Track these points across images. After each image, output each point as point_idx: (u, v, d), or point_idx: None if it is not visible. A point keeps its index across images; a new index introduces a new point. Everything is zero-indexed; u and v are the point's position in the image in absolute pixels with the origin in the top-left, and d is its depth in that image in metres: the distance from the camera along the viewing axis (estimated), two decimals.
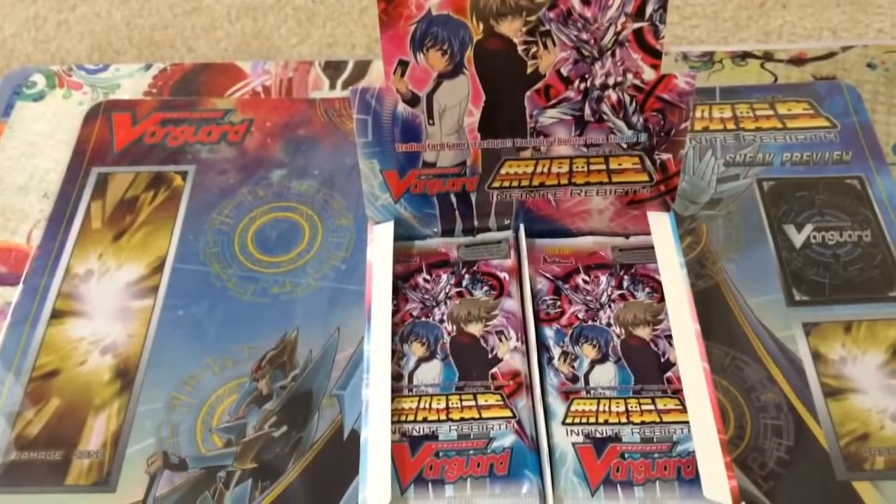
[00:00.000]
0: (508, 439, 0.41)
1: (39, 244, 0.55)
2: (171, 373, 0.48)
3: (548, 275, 0.48)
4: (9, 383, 0.48)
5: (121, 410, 0.47)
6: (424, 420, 0.42)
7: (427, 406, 0.42)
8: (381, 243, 0.48)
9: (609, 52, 0.42)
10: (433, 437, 0.41)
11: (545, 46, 0.42)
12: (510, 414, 0.42)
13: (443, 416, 0.42)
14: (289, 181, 0.57)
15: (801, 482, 0.43)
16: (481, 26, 0.42)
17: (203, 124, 0.61)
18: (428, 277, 0.48)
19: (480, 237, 0.50)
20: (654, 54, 0.42)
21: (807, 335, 0.49)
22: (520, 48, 0.42)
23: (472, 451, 0.41)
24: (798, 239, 0.53)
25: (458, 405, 0.42)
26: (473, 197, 0.48)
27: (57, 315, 0.51)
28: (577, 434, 0.41)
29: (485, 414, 0.42)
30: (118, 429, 0.46)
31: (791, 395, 0.46)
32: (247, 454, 0.45)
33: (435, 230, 0.49)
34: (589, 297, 0.47)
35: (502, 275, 0.48)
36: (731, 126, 0.59)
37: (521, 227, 0.49)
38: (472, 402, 0.42)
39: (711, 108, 0.60)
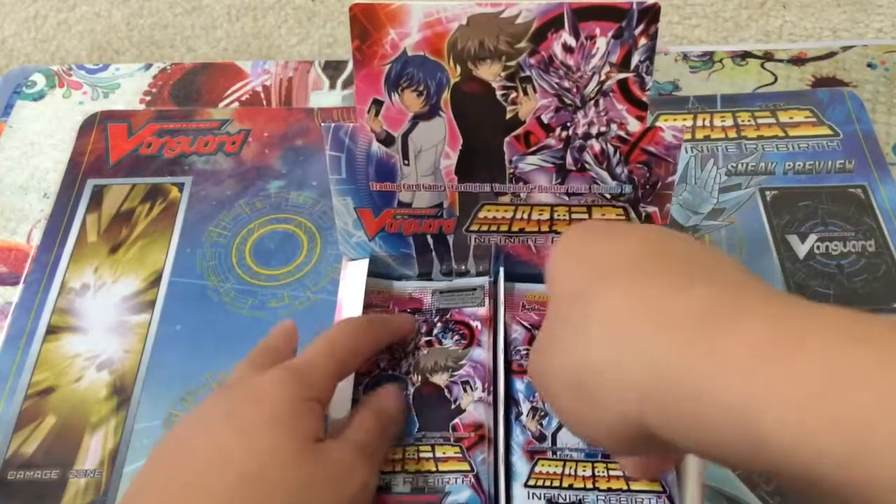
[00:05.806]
0: (464, 494, 0.39)
1: (34, 257, 0.54)
2: (169, 389, 0.48)
3: (525, 323, 0.46)
4: (3, 401, 0.48)
5: (118, 428, 0.46)
6: (379, 471, 0.40)
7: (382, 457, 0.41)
8: (353, 282, 0.46)
9: (592, 102, 0.41)
10: (386, 489, 0.40)
11: (525, 92, 0.41)
12: (468, 468, 0.40)
13: (398, 468, 0.40)
14: (287, 192, 0.57)
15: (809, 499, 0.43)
16: (459, 69, 0.40)
17: (200, 135, 0.60)
18: None
19: (457, 283, 0.48)
20: (640, 106, 0.41)
21: None
22: (498, 93, 0.41)
23: None
24: (802, 249, 0.52)
25: (415, 456, 0.41)
26: (451, 239, 0.46)
27: (52, 331, 0.50)
28: (540, 498, 0.40)
29: (442, 467, 0.40)
30: (115, 447, 0.46)
31: None
32: None
33: (412, 271, 0.48)
34: None
35: (474, 323, 0.46)
36: (732, 135, 0.58)
37: (501, 270, 0.47)
38: (430, 454, 0.41)
39: (713, 117, 0.59)
